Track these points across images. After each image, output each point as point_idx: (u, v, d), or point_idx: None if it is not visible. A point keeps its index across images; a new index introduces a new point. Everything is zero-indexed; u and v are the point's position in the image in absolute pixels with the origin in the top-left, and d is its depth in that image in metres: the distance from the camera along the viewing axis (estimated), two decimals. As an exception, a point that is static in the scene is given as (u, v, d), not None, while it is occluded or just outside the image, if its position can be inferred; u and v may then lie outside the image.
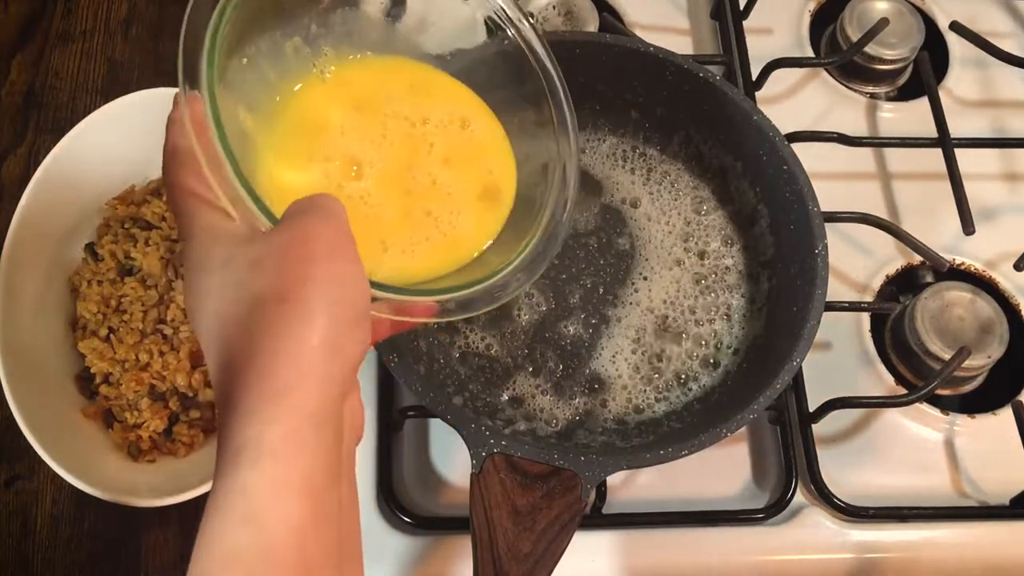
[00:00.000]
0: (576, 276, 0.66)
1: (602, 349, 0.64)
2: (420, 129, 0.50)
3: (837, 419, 0.66)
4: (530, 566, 0.50)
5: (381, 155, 0.48)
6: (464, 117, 0.51)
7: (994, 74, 0.80)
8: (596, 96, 0.68)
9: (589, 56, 0.65)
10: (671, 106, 0.67)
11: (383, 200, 0.48)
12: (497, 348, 0.64)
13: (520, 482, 0.52)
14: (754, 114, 0.63)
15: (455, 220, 0.49)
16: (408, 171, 0.49)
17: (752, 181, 0.65)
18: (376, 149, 0.48)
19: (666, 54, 0.65)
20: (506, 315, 0.64)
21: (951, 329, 0.66)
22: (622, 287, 0.66)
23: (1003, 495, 0.65)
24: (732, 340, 0.64)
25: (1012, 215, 0.74)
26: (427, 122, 0.50)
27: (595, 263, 0.66)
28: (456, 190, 0.49)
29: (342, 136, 0.48)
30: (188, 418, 0.66)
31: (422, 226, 0.48)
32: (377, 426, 0.63)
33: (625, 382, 0.63)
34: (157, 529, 0.67)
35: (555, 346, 0.64)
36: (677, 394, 0.63)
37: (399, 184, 0.48)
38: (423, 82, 0.51)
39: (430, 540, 0.61)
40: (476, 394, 0.62)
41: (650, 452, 0.55)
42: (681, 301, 0.65)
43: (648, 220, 0.68)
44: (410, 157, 0.49)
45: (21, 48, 0.81)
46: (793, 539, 0.62)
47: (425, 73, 0.52)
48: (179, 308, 0.67)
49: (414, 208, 0.48)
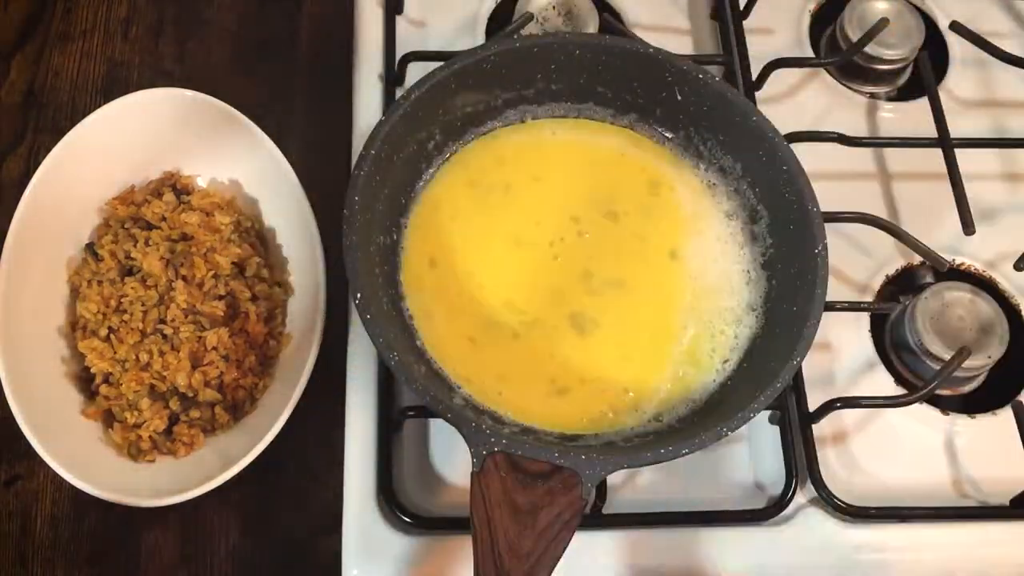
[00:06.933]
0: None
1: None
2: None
3: (837, 419, 0.66)
4: (531, 565, 0.50)
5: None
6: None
7: (994, 74, 0.80)
8: (596, 97, 0.68)
9: (589, 57, 0.65)
10: (671, 106, 0.67)
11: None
12: (497, 348, 0.64)
13: (521, 481, 0.52)
14: (754, 114, 0.64)
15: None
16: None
17: (752, 182, 0.65)
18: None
19: (666, 55, 0.65)
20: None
21: (951, 329, 0.66)
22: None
23: (1003, 495, 0.65)
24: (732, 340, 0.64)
25: (1012, 215, 0.74)
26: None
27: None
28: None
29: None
30: (188, 418, 0.66)
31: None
32: (377, 426, 0.63)
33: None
34: (157, 529, 0.67)
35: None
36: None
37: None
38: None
39: (430, 540, 0.61)
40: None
41: (650, 451, 0.55)
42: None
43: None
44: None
45: (20, 48, 0.81)
46: (793, 539, 0.62)
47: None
48: (179, 308, 0.67)
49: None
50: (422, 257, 0.63)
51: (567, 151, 0.67)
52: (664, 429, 0.60)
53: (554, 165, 0.67)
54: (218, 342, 0.66)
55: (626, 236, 0.65)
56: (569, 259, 0.64)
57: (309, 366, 0.63)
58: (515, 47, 0.65)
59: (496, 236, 0.64)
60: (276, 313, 0.69)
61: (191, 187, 0.73)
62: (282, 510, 0.68)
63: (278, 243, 0.72)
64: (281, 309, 0.70)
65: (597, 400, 0.60)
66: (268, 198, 0.72)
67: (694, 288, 0.64)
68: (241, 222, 0.71)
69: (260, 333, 0.68)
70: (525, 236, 0.64)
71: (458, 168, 0.66)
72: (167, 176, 0.73)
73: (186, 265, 0.68)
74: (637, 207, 0.66)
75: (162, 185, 0.72)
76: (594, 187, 0.66)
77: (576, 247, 0.64)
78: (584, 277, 0.63)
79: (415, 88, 0.62)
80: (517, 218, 0.65)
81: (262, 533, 0.67)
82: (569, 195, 0.66)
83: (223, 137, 0.70)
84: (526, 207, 0.65)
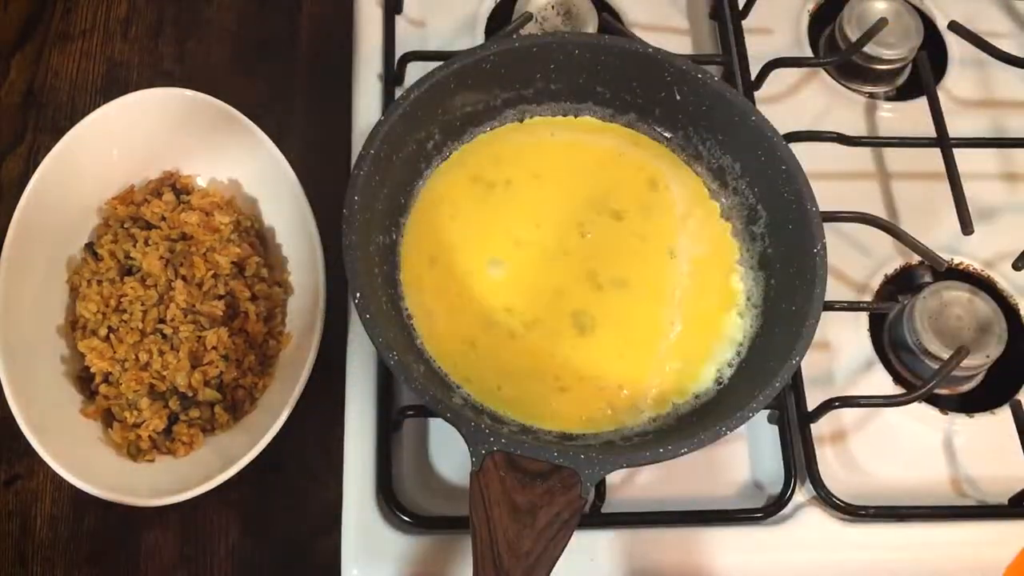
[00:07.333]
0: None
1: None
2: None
3: (836, 418, 0.66)
4: (530, 564, 0.50)
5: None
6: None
7: (993, 74, 0.80)
8: (595, 96, 0.68)
9: (588, 56, 0.65)
10: (670, 106, 0.67)
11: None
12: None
13: (520, 480, 0.52)
14: (753, 114, 0.64)
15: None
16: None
17: (751, 181, 0.65)
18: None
19: (665, 54, 0.65)
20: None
21: (949, 329, 0.66)
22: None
23: (1002, 494, 0.65)
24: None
25: (1011, 215, 0.74)
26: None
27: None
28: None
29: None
30: (188, 418, 0.66)
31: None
32: (376, 426, 0.63)
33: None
34: (157, 529, 0.67)
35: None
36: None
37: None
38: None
39: (430, 540, 0.61)
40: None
41: (650, 451, 0.55)
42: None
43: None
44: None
45: (20, 48, 0.81)
46: (792, 539, 0.62)
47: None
48: (179, 308, 0.67)
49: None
50: (421, 256, 0.63)
51: (566, 151, 0.68)
52: (663, 428, 0.60)
53: (553, 164, 0.67)
54: (218, 342, 0.66)
55: (628, 235, 0.65)
56: (573, 258, 0.64)
57: (309, 366, 0.63)
58: (514, 47, 0.65)
59: (496, 235, 0.64)
60: (276, 313, 0.69)
61: (191, 187, 0.73)
62: (282, 510, 0.68)
63: (278, 242, 0.72)
64: (281, 309, 0.70)
65: (596, 398, 0.60)
66: (268, 198, 0.72)
67: (693, 286, 0.64)
68: (241, 222, 0.71)
69: (260, 333, 0.68)
70: (525, 236, 0.65)
71: (458, 167, 0.66)
72: (167, 176, 0.73)
73: (186, 265, 0.68)
74: (637, 207, 0.66)
75: (162, 185, 0.72)
76: (593, 187, 0.66)
77: (580, 247, 0.64)
78: (589, 276, 0.64)
79: (414, 88, 0.62)
80: (517, 217, 0.65)
81: (262, 533, 0.67)
82: (569, 195, 0.66)
83: (223, 137, 0.70)
84: (526, 206, 0.65)
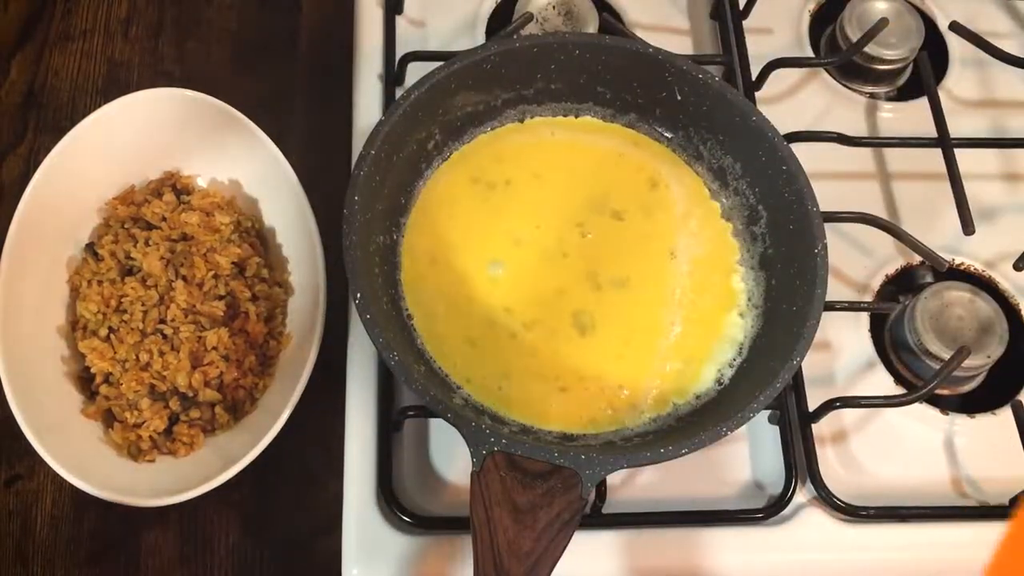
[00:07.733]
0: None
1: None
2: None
3: (837, 419, 0.66)
4: (531, 564, 0.50)
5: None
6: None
7: (994, 74, 0.80)
8: (595, 97, 0.68)
9: (589, 56, 0.65)
10: (670, 106, 0.67)
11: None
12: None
13: (520, 480, 0.52)
14: (753, 114, 0.64)
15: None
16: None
17: (751, 181, 0.65)
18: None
19: (666, 54, 0.65)
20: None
21: (950, 329, 0.66)
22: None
23: (1003, 495, 0.65)
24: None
25: (1012, 215, 0.74)
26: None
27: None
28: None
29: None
30: (188, 418, 0.66)
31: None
32: (377, 426, 0.63)
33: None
34: (157, 529, 0.67)
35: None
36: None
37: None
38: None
39: (430, 540, 0.61)
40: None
41: (650, 451, 0.55)
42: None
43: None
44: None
45: (21, 48, 0.81)
46: (793, 539, 0.62)
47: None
48: (179, 308, 0.67)
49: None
50: (422, 257, 0.63)
51: (567, 151, 0.67)
52: (663, 429, 0.60)
53: (554, 165, 0.67)
54: (218, 342, 0.66)
55: (628, 235, 0.65)
56: (574, 259, 0.64)
57: (309, 366, 0.63)
58: (515, 47, 0.65)
59: (497, 236, 0.64)
60: (276, 313, 0.69)
61: (191, 187, 0.73)
62: (282, 510, 0.68)
63: (278, 243, 0.72)
64: (281, 309, 0.70)
65: (596, 398, 0.60)
66: (268, 198, 0.72)
67: (693, 287, 0.64)
68: (241, 222, 0.71)
69: (260, 333, 0.68)
70: (526, 236, 0.64)
71: (458, 168, 0.66)
72: (167, 176, 0.73)
73: (186, 265, 0.68)
74: (637, 207, 0.66)
75: (162, 185, 0.72)
76: (594, 187, 0.66)
77: (580, 247, 0.64)
78: (589, 276, 0.64)
79: (415, 88, 0.62)
80: (518, 218, 0.65)
81: (262, 533, 0.67)
82: (569, 195, 0.66)
83: (223, 137, 0.70)
84: (527, 207, 0.65)
